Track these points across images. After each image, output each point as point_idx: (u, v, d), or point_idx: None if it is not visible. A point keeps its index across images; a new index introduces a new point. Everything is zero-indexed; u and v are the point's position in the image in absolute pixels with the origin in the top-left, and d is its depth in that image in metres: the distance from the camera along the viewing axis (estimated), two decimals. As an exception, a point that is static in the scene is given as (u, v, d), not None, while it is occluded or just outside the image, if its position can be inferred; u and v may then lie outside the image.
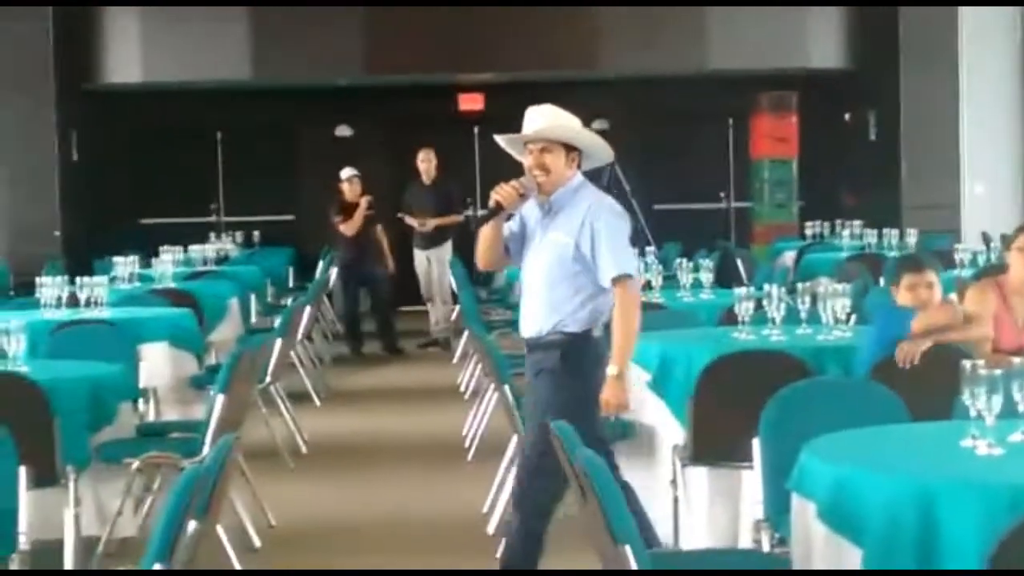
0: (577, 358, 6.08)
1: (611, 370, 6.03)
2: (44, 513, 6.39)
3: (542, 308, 6.05)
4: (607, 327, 6.13)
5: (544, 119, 6.09)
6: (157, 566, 3.89)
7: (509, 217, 6.13)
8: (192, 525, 4.11)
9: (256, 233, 19.20)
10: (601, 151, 6.24)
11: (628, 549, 3.96)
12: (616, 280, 6.01)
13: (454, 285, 14.52)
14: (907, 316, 6.71)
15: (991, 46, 19.22)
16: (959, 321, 6.85)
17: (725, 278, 12.72)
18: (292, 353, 11.27)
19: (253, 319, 13.46)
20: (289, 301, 15.01)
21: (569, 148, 6.10)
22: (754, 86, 20.90)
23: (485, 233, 6.12)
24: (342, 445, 10.61)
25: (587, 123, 21.28)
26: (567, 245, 6.01)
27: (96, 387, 7.05)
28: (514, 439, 7.95)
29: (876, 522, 4.14)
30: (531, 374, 6.14)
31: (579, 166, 6.17)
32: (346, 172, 15.75)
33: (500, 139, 6.26)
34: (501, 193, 6.00)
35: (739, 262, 15.25)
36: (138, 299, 10.87)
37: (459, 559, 7.35)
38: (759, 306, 7.74)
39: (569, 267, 6.02)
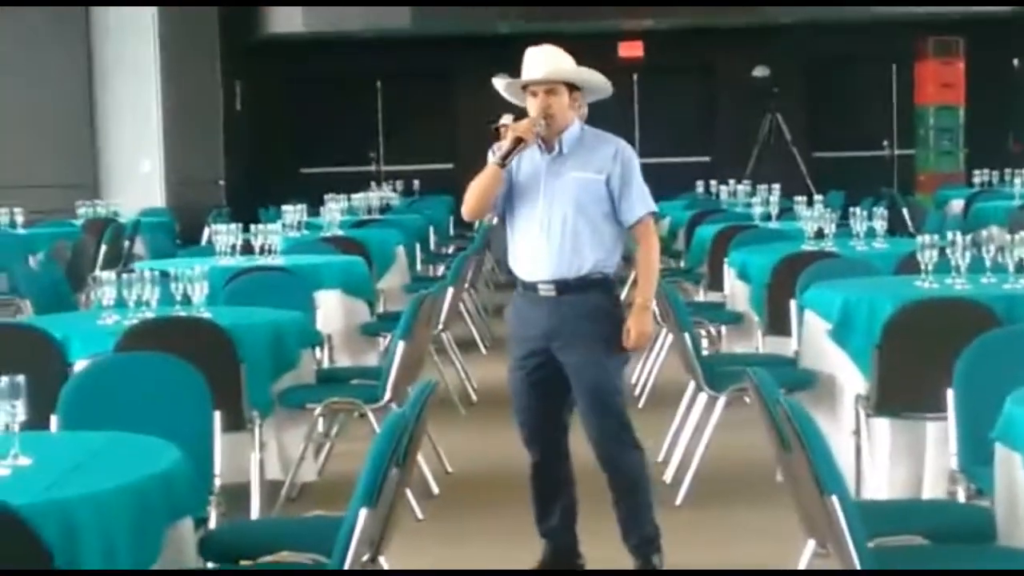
0: (619, 301, 6.09)
1: (642, 301, 5.92)
2: (229, 458, 6.46)
3: (575, 247, 5.89)
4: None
5: (549, 61, 5.93)
6: (364, 511, 3.91)
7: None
8: (393, 472, 4.12)
9: (416, 182, 19.26)
10: (603, 88, 6.08)
11: (835, 500, 3.89)
12: (643, 218, 5.97)
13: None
14: None
15: None
16: None
17: (891, 227, 12.53)
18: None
19: (418, 267, 13.52)
20: (451, 250, 15.09)
21: (572, 88, 5.96)
22: (919, 31, 20.51)
23: (492, 177, 5.88)
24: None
25: (749, 69, 21.13)
26: (597, 182, 5.91)
27: (279, 333, 7.11)
28: (691, 385, 7.91)
29: (1089, 475, 4.03)
30: (575, 317, 5.90)
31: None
32: (503, 119, 15.35)
33: (501, 82, 6.02)
34: (520, 128, 5.86)
35: (904, 211, 15.01)
36: (309, 246, 10.95)
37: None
38: (940, 254, 7.59)
39: (606, 206, 5.94)
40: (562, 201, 5.91)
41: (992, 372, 5.22)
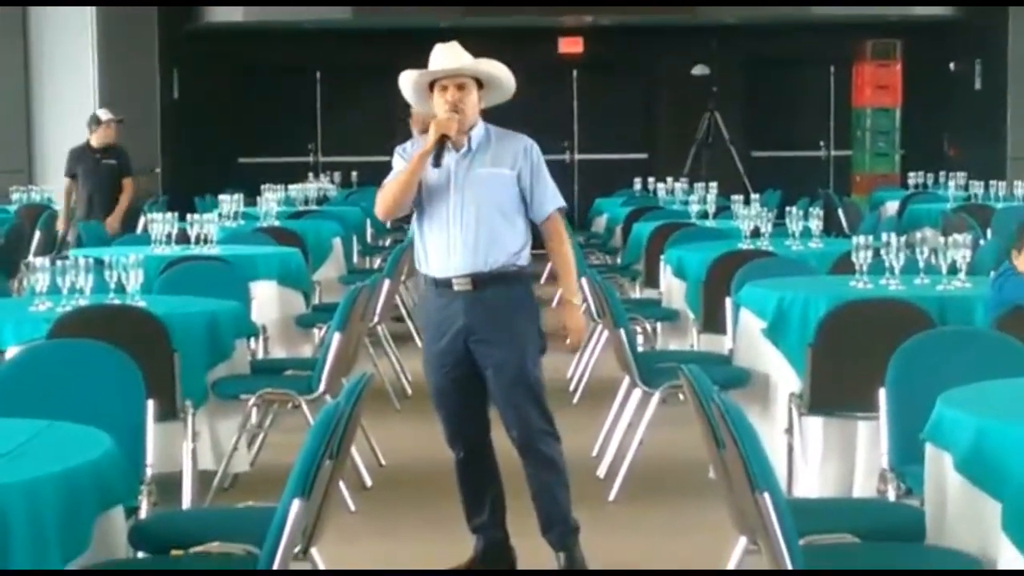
0: (533, 293, 6.11)
1: (575, 300, 6.08)
2: (161, 447, 6.42)
3: (490, 241, 5.90)
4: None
5: (463, 56, 5.93)
6: (296, 503, 3.90)
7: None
8: (327, 463, 4.11)
9: (354, 174, 19.21)
10: (508, 86, 6.07)
11: (767, 497, 3.91)
12: (553, 214, 6.04)
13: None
14: None
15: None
16: None
17: (827, 227, 12.62)
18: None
19: (355, 259, 13.49)
20: (388, 242, 15.06)
21: (479, 85, 5.97)
22: (857, 33, 20.65)
23: (412, 177, 5.84)
24: (445, 386, 10.60)
25: (688, 68, 21.08)
26: (509, 177, 5.94)
27: (214, 323, 7.09)
28: (625, 381, 7.93)
29: (1018, 475, 4.06)
30: (492, 311, 5.90)
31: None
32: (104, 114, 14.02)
33: (411, 75, 5.96)
34: (442, 125, 5.82)
35: (840, 211, 15.11)
36: (245, 237, 10.92)
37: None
38: (875, 255, 7.66)
39: (516, 201, 5.97)
40: (474, 196, 5.91)
41: (924, 373, 5.27)
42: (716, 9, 19.98)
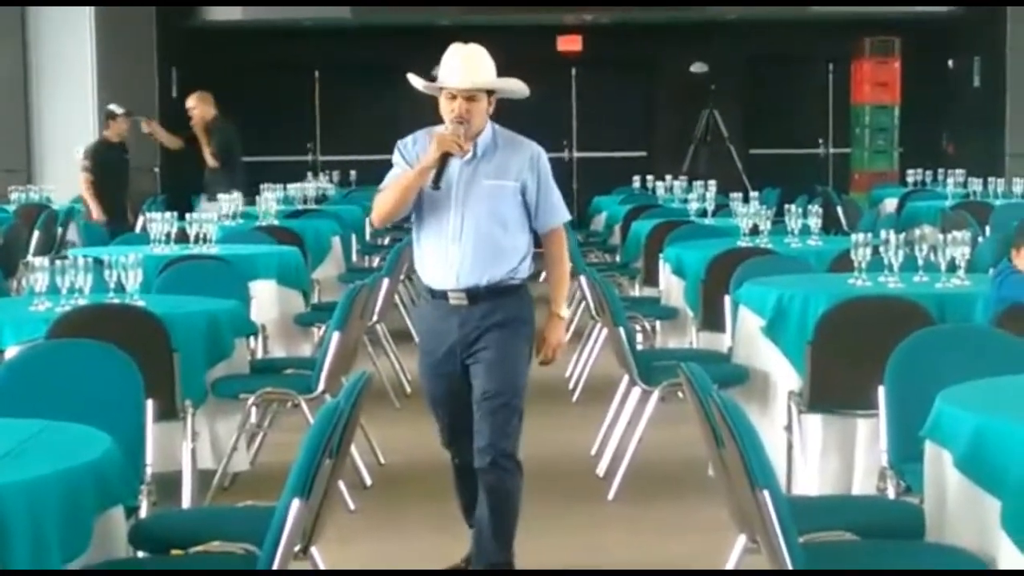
0: (532, 309, 5.92)
1: (563, 312, 5.93)
2: (161, 447, 6.42)
3: (489, 256, 5.74)
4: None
5: (472, 67, 5.68)
6: (296, 502, 3.91)
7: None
8: (326, 463, 4.12)
9: (353, 172, 19.22)
10: (521, 94, 5.90)
11: (767, 494, 3.91)
12: (557, 227, 5.92)
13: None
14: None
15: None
16: None
17: (826, 225, 12.63)
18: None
19: (354, 258, 13.49)
20: (387, 241, 15.06)
21: (489, 92, 5.77)
22: (856, 30, 20.65)
23: (412, 187, 5.68)
24: (445, 385, 10.59)
25: (687, 65, 21.08)
26: (512, 189, 5.77)
27: (213, 322, 7.09)
28: (625, 379, 7.93)
29: (1017, 473, 4.06)
30: (487, 327, 5.75)
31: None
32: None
33: (419, 82, 5.83)
34: (446, 144, 5.61)
35: (839, 209, 15.12)
36: (244, 236, 10.91)
37: (569, 502, 7.36)
38: (874, 252, 7.66)
39: (519, 213, 5.80)
40: (475, 208, 5.74)
41: (923, 370, 5.27)
42: (715, 7, 19.99)
